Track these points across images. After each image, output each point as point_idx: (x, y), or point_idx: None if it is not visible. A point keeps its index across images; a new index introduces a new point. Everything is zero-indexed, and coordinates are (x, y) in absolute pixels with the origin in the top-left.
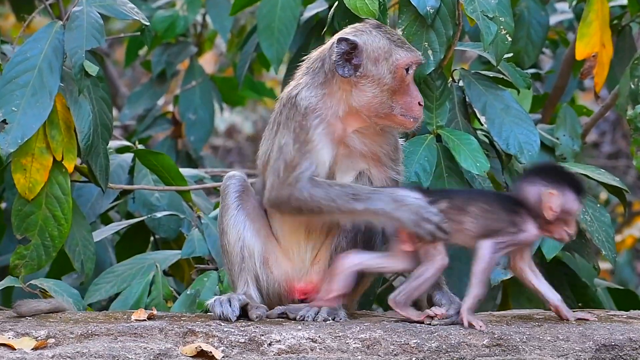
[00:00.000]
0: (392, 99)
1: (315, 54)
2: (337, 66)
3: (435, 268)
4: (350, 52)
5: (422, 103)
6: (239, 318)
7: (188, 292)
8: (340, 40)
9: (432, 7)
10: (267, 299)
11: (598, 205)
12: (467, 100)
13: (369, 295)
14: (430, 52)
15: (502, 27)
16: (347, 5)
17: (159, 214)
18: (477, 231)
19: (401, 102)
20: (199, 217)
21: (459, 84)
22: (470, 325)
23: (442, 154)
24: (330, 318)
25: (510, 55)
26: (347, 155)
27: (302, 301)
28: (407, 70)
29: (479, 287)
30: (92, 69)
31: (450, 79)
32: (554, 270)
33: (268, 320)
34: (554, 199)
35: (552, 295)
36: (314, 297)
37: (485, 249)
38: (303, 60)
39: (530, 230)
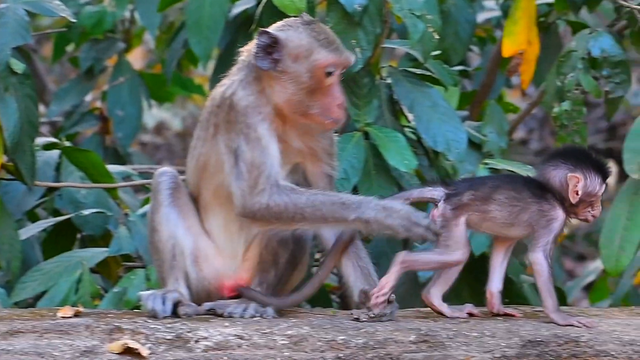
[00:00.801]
0: (311, 98)
1: (246, 50)
2: (257, 58)
3: (448, 261)
4: (272, 45)
5: (344, 105)
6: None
7: (115, 290)
8: (261, 32)
9: (360, 4)
10: (197, 296)
11: None
12: (394, 97)
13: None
14: (358, 49)
15: (429, 24)
16: (274, 2)
17: (85, 212)
18: (505, 219)
19: (320, 102)
20: (126, 214)
21: (387, 82)
22: (572, 325)
23: (370, 151)
24: (258, 315)
25: (438, 52)
26: (284, 149)
27: (231, 298)
28: (329, 72)
29: (551, 297)
30: (18, 66)
31: (378, 77)
32: (480, 265)
33: (195, 317)
34: (578, 183)
35: (498, 283)
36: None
37: (539, 264)
38: (232, 57)
39: (558, 216)
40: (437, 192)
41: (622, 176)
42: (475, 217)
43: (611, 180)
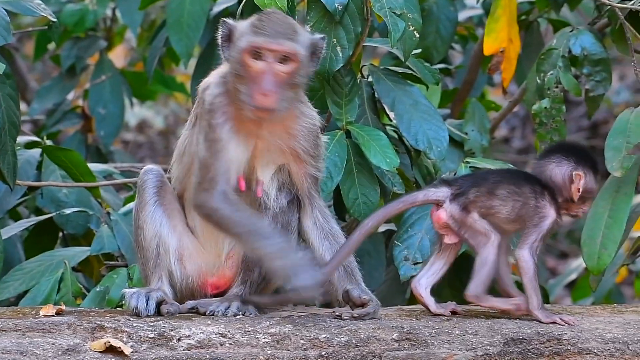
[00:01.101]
0: (240, 84)
1: None
2: (221, 48)
3: (494, 247)
4: (231, 35)
5: (273, 94)
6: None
7: (97, 289)
8: (221, 22)
9: (341, 3)
10: (180, 294)
11: None
12: (376, 96)
13: (280, 291)
14: (339, 48)
15: (409, 23)
16: (254, 0)
17: (67, 210)
18: (508, 213)
19: (245, 88)
20: (108, 213)
21: (368, 80)
22: (556, 323)
23: (352, 150)
24: (240, 313)
25: (419, 51)
26: (267, 148)
27: (214, 296)
28: (255, 55)
29: (536, 295)
30: None
31: (360, 75)
32: (462, 264)
33: (178, 315)
34: (581, 180)
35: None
36: (226, 292)
37: (524, 260)
38: (213, 55)
39: (550, 215)
40: (441, 193)
41: (604, 174)
42: (480, 212)
43: None
